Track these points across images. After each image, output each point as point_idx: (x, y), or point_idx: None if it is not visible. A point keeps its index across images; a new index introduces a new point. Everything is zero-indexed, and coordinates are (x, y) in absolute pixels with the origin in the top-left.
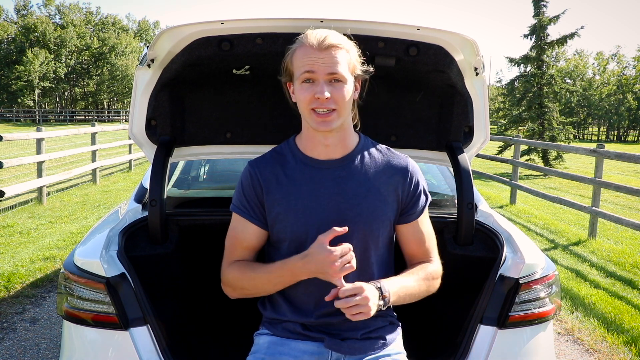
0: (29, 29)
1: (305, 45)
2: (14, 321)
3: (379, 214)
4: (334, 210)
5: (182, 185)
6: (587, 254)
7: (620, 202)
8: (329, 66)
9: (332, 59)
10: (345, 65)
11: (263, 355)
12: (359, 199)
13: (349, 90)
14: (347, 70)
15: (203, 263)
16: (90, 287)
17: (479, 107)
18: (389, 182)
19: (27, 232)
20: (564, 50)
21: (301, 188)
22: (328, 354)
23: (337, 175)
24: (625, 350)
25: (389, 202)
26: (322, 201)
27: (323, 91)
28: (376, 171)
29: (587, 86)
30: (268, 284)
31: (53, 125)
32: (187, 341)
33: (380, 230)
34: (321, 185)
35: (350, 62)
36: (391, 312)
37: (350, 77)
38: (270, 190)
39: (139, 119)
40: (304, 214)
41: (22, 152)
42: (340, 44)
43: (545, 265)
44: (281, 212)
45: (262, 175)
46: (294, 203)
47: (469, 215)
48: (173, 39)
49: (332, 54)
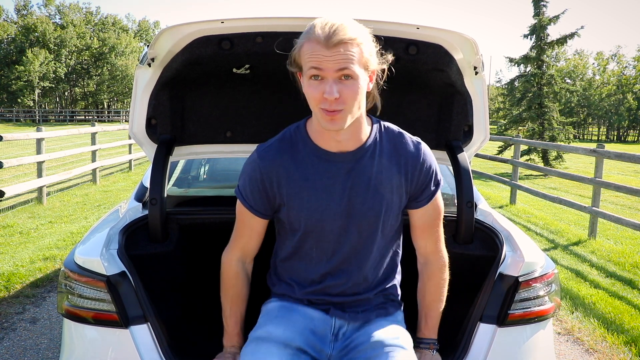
0: (29, 29)
1: (313, 39)
2: (14, 321)
3: (391, 205)
4: (346, 204)
5: (182, 184)
6: (587, 254)
7: (620, 202)
8: (338, 63)
9: (341, 56)
10: (357, 61)
11: (276, 314)
12: (371, 192)
13: (361, 87)
14: (359, 65)
15: (203, 261)
16: (90, 285)
17: (479, 106)
18: (400, 171)
19: (27, 232)
20: (564, 50)
21: (315, 183)
22: (332, 320)
23: (350, 169)
24: (625, 350)
25: (400, 192)
26: (336, 196)
27: (332, 91)
28: (389, 161)
29: (587, 86)
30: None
31: (53, 125)
32: (187, 339)
33: (389, 221)
34: (334, 180)
35: (363, 56)
36: (394, 292)
37: (363, 73)
38: (281, 184)
39: (140, 118)
40: (317, 209)
41: (22, 152)
42: (352, 38)
43: (544, 264)
44: (294, 207)
45: (272, 170)
46: (307, 199)
47: (469, 214)
48: (173, 38)
49: (342, 51)
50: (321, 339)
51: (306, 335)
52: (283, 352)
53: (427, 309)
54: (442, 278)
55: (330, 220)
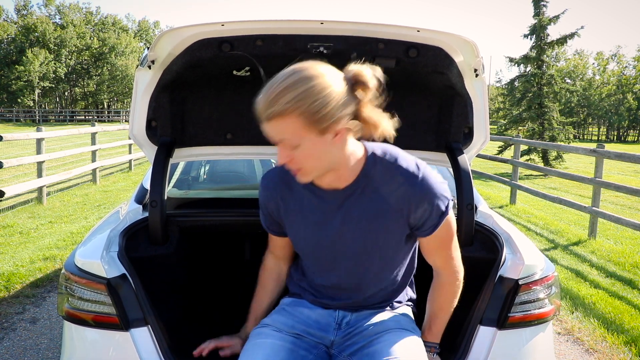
0: (29, 29)
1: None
2: (14, 321)
3: (386, 238)
4: (337, 239)
5: (182, 186)
6: (587, 254)
7: (620, 202)
8: (275, 136)
9: (275, 130)
10: (295, 131)
11: (285, 307)
12: (362, 228)
13: (314, 150)
14: (302, 132)
15: (204, 264)
16: (90, 287)
17: (479, 108)
18: (396, 204)
19: (27, 232)
20: (564, 50)
21: (307, 218)
22: (336, 313)
23: (341, 205)
24: (625, 350)
25: (399, 223)
26: (327, 232)
27: (279, 157)
28: (382, 195)
29: (587, 86)
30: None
31: (53, 125)
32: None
33: (388, 251)
34: (326, 216)
35: (305, 123)
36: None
37: (313, 136)
38: (280, 213)
39: (140, 120)
40: (310, 242)
41: (22, 152)
42: (282, 111)
43: (544, 266)
44: (292, 236)
45: (272, 200)
46: (303, 232)
47: (469, 216)
48: (173, 40)
49: (275, 125)
50: (324, 326)
51: (309, 324)
52: (285, 336)
53: (434, 315)
54: (452, 290)
55: (323, 252)
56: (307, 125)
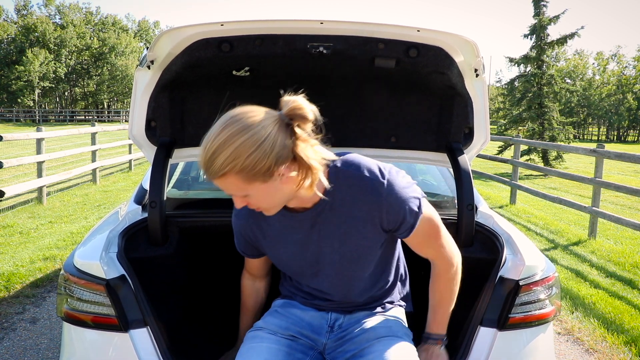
0: (29, 29)
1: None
2: (14, 321)
3: (365, 246)
4: (317, 254)
5: (182, 186)
6: (587, 254)
7: (620, 202)
8: (224, 190)
9: (221, 186)
10: (240, 184)
11: (277, 308)
12: (338, 241)
13: (261, 195)
14: (244, 187)
15: (203, 264)
16: (90, 288)
17: (479, 108)
18: (366, 214)
19: (27, 232)
20: (564, 50)
21: (285, 238)
22: (329, 315)
23: (313, 223)
24: (625, 350)
25: (374, 231)
26: (307, 249)
27: (235, 203)
28: (350, 208)
29: (587, 86)
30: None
31: (53, 125)
32: (187, 342)
33: (368, 257)
34: (302, 234)
35: (245, 178)
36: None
37: (256, 185)
38: (258, 239)
39: (139, 120)
40: (292, 261)
41: (22, 152)
42: (221, 171)
43: (545, 267)
44: (274, 257)
45: (247, 227)
46: (282, 252)
47: (469, 217)
48: (173, 40)
49: (219, 183)
50: (317, 329)
51: (302, 325)
52: (280, 338)
53: (436, 306)
54: (449, 277)
55: (306, 268)
56: (248, 179)
